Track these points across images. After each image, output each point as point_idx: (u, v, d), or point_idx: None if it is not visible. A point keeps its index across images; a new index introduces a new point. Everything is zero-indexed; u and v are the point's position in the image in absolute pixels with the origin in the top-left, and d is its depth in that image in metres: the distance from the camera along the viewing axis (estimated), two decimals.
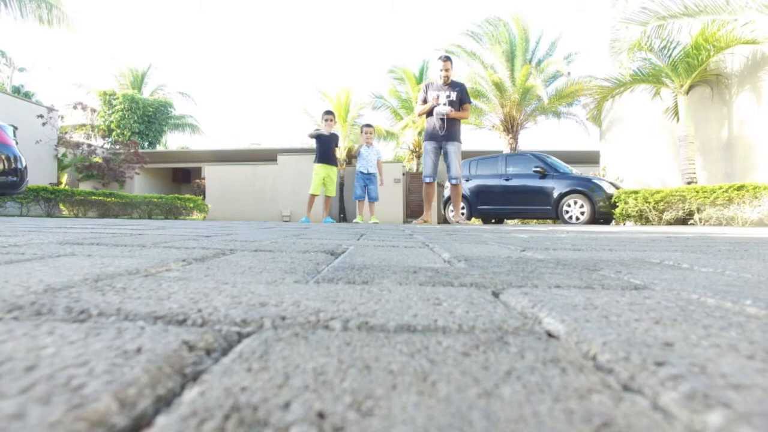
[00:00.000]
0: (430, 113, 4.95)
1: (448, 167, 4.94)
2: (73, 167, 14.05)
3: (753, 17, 5.64)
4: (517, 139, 13.57)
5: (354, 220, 4.95)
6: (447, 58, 5.01)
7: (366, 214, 5.15)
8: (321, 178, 4.96)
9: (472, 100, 13.66)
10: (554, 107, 13.53)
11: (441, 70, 4.99)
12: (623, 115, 10.99)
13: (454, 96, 4.91)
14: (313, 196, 5.01)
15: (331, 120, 5.04)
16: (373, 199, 5.02)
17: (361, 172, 4.97)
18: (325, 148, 4.99)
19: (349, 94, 20.08)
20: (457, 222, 4.96)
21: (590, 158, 14.54)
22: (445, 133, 4.88)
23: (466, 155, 22.62)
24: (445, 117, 4.86)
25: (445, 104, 4.88)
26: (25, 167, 5.39)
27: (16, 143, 5.58)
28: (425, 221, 5.02)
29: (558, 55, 13.01)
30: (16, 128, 5.86)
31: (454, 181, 4.93)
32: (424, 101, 5.07)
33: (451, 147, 4.89)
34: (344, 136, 19.83)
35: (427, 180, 5.01)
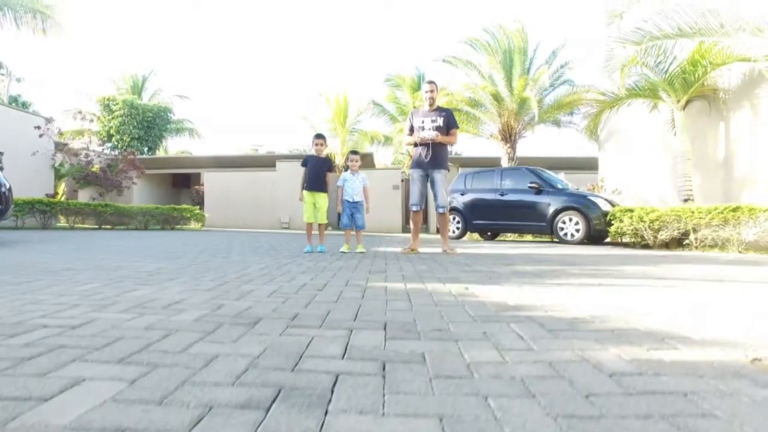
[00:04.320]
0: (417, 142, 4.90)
1: (435, 196, 4.87)
2: (70, 177, 14.07)
3: (747, 41, 5.56)
4: (515, 148, 13.49)
5: (340, 250, 4.89)
6: (432, 82, 4.96)
7: (353, 242, 5.09)
8: (310, 204, 4.90)
9: (470, 109, 13.60)
10: (553, 116, 13.44)
11: (426, 92, 4.93)
12: (621, 127, 10.89)
13: (440, 121, 4.84)
14: (308, 224, 4.95)
15: (322, 144, 4.96)
16: (359, 228, 4.95)
17: (347, 201, 4.89)
18: (312, 174, 4.91)
19: (348, 98, 20.05)
20: (445, 251, 4.89)
21: (591, 164, 14.44)
22: (431, 160, 4.81)
23: (465, 162, 22.52)
24: (431, 143, 4.80)
25: (431, 130, 4.82)
26: (9, 189, 5.34)
27: (1, 169, 5.54)
28: (412, 250, 4.95)
29: (556, 65, 12.92)
30: (2, 153, 5.82)
31: (441, 210, 4.86)
32: (411, 129, 5.01)
33: (438, 175, 4.82)
34: (343, 142, 19.80)
35: (415, 208, 4.95)
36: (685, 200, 7.97)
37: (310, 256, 4.34)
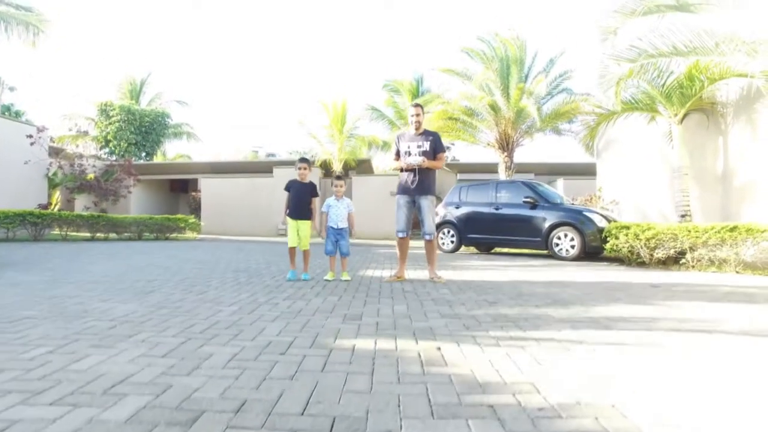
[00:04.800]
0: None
1: (421, 222, 4.75)
2: (63, 187, 13.98)
3: (742, 60, 5.41)
4: (512, 157, 13.35)
5: (325, 278, 4.78)
6: (418, 105, 4.83)
7: (338, 269, 4.97)
8: (293, 229, 4.79)
9: (466, 118, 13.45)
10: (551, 124, 13.27)
11: (412, 116, 4.81)
12: (619, 136, 10.75)
13: (426, 146, 4.72)
14: (291, 248, 4.84)
15: (305, 168, 4.83)
16: (344, 255, 4.83)
17: (332, 228, 4.77)
18: (296, 201, 4.79)
19: (346, 105, 19.92)
20: (432, 279, 4.77)
21: (590, 170, 14.27)
22: (417, 186, 4.69)
23: (462, 168, 22.30)
24: (417, 168, 4.68)
25: (417, 155, 4.70)
26: None
27: None
28: (399, 277, 4.83)
29: (554, 73, 12.78)
30: None
31: (427, 237, 4.74)
32: (397, 153, 4.89)
33: (425, 201, 4.70)
34: (340, 148, 19.68)
35: (401, 235, 4.82)
36: (683, 216, 7.83)
37: (290, 289, 4.22)
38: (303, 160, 4.85)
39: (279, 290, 4.12)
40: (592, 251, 7.90)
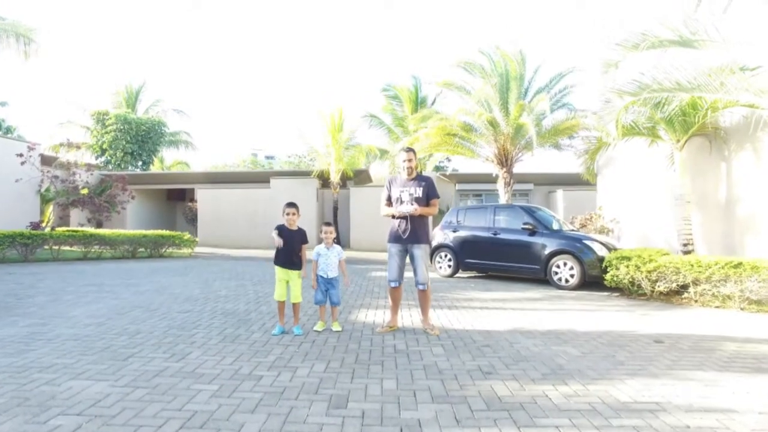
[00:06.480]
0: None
1: (414, 271, 4.57)
2: (56, 203, 13.77)
3: (750, 100, 5.23)
4: (511, 172, 13.17)
5: (314, 328, 4.61)
6: (410, 150, 4.64)
7: (328, 319, 4.80)
8: (282, 282, 4.58)
9: (465, 134, 13.25)
10: (552, 140, 13.07)
11: (404, 161, 4.62)
12: (620, 155, 10.57)
13: (419, 192, 4.54)
14: (280, 302, 4.58)
15: (294, 214, 4.61)
16: (334, 304, 4.65)
17: (322, 277, 4.59)
18: (285, 249, 4.59)
19: (342, 115, 19.68)
20: (426, 331, 4.59)
21: (590, 181, 14.04)
22: (410, 235, 4.50)
23: (461, 178, 22.07)
24: (409, 216, 4.50)
25: (410, 203, 4.52)
26: None
27: None
28: (391, 327, 4.65)
29: (556, 89, 12.57)
30: None
31: (421, 287, 4.55)
32: (389, 199, 4.71)
33: (417, 251, 4.51)
34: (337, 159, 19.47)
35: (393, 285, 4.63)
36: (684, 245, 7.64)
37: (278, 348, 4.03)
38: (290, 204, 4.62)
39: (265, 350, 3.93)
40: (592, 280, 7.73)
